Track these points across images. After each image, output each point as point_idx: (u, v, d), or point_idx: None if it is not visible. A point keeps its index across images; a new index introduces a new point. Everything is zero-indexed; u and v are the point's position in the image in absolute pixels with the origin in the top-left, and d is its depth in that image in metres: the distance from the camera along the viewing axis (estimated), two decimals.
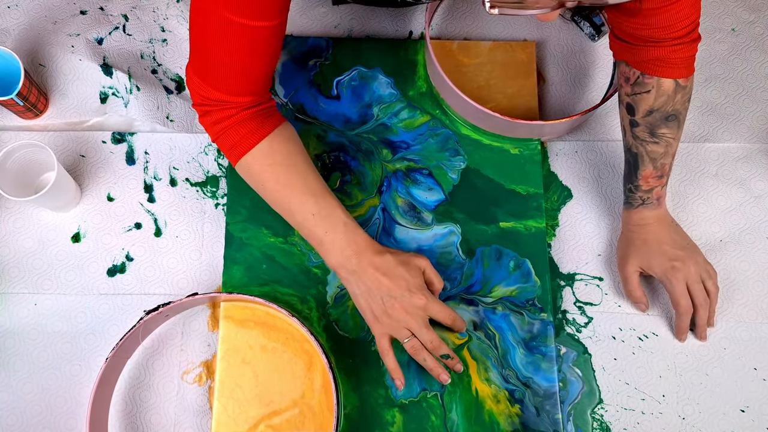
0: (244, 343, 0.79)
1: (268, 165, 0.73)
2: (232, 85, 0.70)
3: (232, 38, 0.65)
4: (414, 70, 0.92)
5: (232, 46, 0.66)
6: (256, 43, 0.67)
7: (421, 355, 0.72)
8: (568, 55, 0.95)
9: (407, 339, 0.72)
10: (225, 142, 0.73)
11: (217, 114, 0.72)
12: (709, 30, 0.96)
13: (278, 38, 0.69)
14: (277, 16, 0.66)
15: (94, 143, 0.87)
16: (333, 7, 0.95)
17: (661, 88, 0.75)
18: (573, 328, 0.83)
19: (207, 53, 0.68)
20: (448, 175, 0.88)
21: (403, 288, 0.71)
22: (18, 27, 0.90)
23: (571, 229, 0.87)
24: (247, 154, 0.73)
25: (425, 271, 0.74)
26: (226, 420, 0.77)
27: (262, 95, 0.73)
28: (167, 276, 0.83)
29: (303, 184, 0.73)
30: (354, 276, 0.72)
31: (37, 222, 0.84)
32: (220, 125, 0.72)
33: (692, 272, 0.79)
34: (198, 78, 0.70)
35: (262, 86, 0.72)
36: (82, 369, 0.79)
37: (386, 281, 0.71)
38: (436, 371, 0.73)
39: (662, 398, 0.80)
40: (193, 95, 0.72)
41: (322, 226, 0.72)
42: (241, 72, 0.68)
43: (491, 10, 0.52)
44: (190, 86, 0.72)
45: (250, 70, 0.69)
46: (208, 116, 0.72)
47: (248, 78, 0.70)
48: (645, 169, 0.78)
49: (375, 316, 0.72)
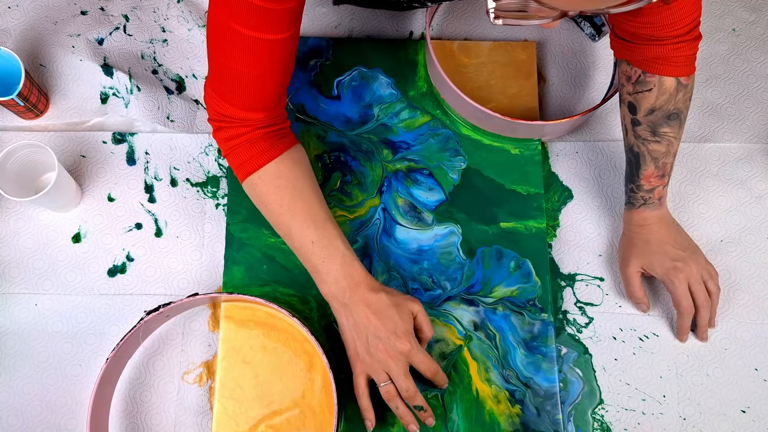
0: (244, 343, 0.79)
1: (274, 187, 0.72)
2: (246, 99, 0.69)
3: (244, 52, 0.65)
4: (414, 71, 0.92)
5: (245, 59, 0.66)
6: (267, 55, 0.66)
7: (394, 402, 0.71)
8: (568, 55, 0.95)
9: (384, 383, 0.71)
10: (235, 159, 0.73)
11: (231, 130, 0.72)
12: (710, 30, 0.96)
13: (291, 50, 0.68)
14: (290, 28, 0.66)
15: (95, 143, 0.87)
16: (333, 8, 0.95)
17: (663, 86, 0.75)
18: (574, 328, 0.83)
19: (222, 68, 0.68)
20: (448, 175, 0.88)
21: (390, 330, 0.70)
22: (18, 27, 0.91)
23: (572, 229, 0.87)
24: (254, 174, 0.72)
25: (417, 317, 0.73)
26: (227, 420, 0.76)
27: (275, 111, 0.72)
28: (168, 276, 0.83)
29: (306, 210, 0.73)
30: (345, 309, 0.72)
31: (37, 222, 0.84)
32: (232, 142, 0.72)
33: (694, 273, 0.79)
34: (214, 93, 0.71)
35: (276, 100, 0.71)
36: (82, 369, 0.79)
37: (375, 320, 0.70)
38: (406, 419, 0.72)
39: (663, 399, 0.80)
40: (209, 110, 0.72)
41: (319, 255, 0.72)
42: (255, 85, 0.68)
43: (495, 20, 0.53)
44: (206, 102, 0.72)
45: (263, 83, 0.68)
46: (222, 132, 0.72)
47: (262, 91, 0.69)
48: (647, 169, 0.78)
49: (357, 352, 0.72)
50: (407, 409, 0.72)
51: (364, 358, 0.71)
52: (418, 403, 0.72)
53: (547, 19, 0.54)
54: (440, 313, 0.82)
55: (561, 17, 0.53)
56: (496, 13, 0.52)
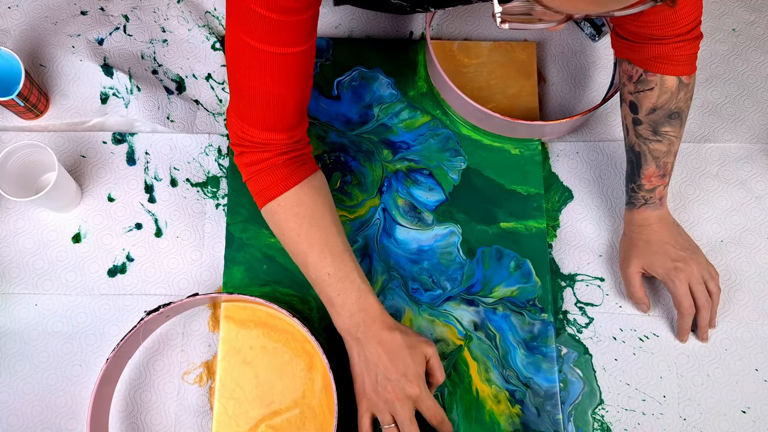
0: (244, 343, 0.79)
1: (293, 215, 0.72)
2: (266, 119, 0.69)
3: (262, 68, 0.65)
4: (414, 71, 0.92)
5: (262, 75, 0.65)
6: (284, 70, 0.66)
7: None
8: (568, 56, 0.95)
9: (388, 426, 0.70)
10: (255, 185, 0.72)
11: (253, 156, 0.71)
12: (710, 30, 0.96)
13: (309, 63, 0.68)
14: (306, 41, 0.65)
15: (95, 144, 0.87)
16: (333, 8, 0.95)
17: (665, 85, 0.75)
18: (574, 328, 0.83)
19: (241, 88, 0.67)
20: (448, 175, 0.88)
21: (401, 372, 0.69)
22: (18, 27, 0.91)
23: (572, 229, 0.87)
24: (274, 201, 0.72)
25: (430, 360, 0.72)
26: (227, 420, 0.76)
27: (296, 131, 0.72)
28: (168, 276, 0.83)
29: (323, 240, 0.72)
30: (357, 344, 0.71)
31: (37, 222, 0.84)
32: (254, 167, 0.72)
33: (695, 273, 0.79)
34: (235, 116, 0.70)
35: (297, 120, 0.71)
36: (82, 369, 0.79)
37: (386, 360, 0.69)
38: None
39: (663, 399, 0.80)
40: (231, 135, 0.72)
41: (335, 287, 0.71)
42: (275, 102, 0.68)
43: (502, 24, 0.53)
44: (229, 127, 0.72)
45: (283, 100, 0.68)
46: (244, 157, 0.72)
47: (282, 109, 0.68)
48: (648, 168, 0.78)
49: (365, 390, 0.71)
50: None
51: (371, 397, 0.70)
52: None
53: (552, 22, 0.54)
54: (440, 313, 0.82)
55: (566, 20, 0.54)
56: (503, 18, 0.53)
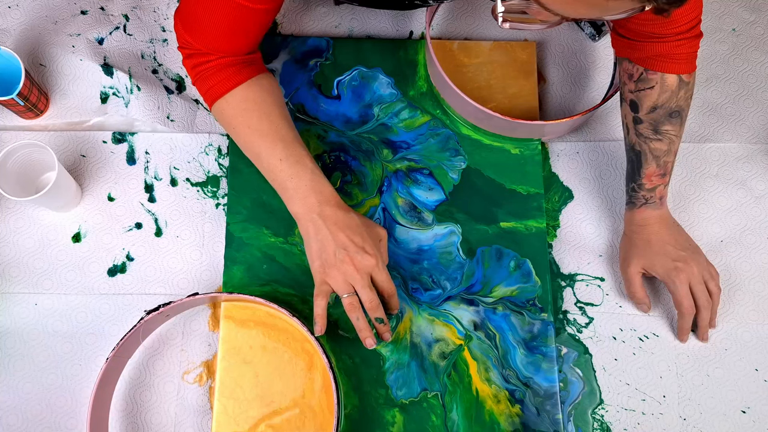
0: (244, 343, 0.79)
1: (242, 110, 0.74)
2: (214, 45, 0.71)
3: (218, 8, 0.67)
4: (414, 70, 0.92)
5: (217, 15, 0.67)
6: (246, 21, 0.68)
7: (355, 313, 0.72)
8: (568, 55, 0.95)
9: (347, 294, 0.72)
10: (203, 84, 0.74)
11: (200, 58, 0.73)
12: (710, 30, 0.96)
13: (270, 18, 0.70)
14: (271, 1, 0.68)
15: (95, 143, 0.87)
16: (333, 7, 0.95)
17: (665, 83, 0.75)
18: (574, 328, 0.83)
19: (195, 11, 0.69)
20: (448, 175, 0.88)
21: (359, 245, 0.72)
22: (19, 27, 0.90)
23: (572, 229, 0.87)
24: (222, 98, 0.74)
25: (381, 241, 0.75)
26: (227, 420, 0.76)
27: (245, 54, 0.74)
28: (168, 276, 0.83)
29: (273, 130, 0.74)
30: (313, 224, 0.72)
31: (37, 222, 0.84)
32: (200, 67, 0.74)
33: (695, 273, 0.79)
34: (183, 28, 0.72)
35: (245, 52, 0.74)
36: (82, 369, 0.79)
37: (343, 237, 0.72)
38: (365, 333, 0.73)
39: (663, 399, 0.80)
40: (178, 38, 0.74)
41: (288, 172, 0.73)
42: (224, 38, 0.71)
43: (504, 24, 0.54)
44: (176, 30, 0.74)
45: (232, 38, 0.71)
46: (191, 59, 0.74)
47: (229, 45, 0.71)
48: (648, 167, 0.78)
49: (323, 265, 0.72)
50: (367, 323, 0.73)
51: (330, 272, 0.72)
52: (379, 315, 0.73)
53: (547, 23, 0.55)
54: (440, 313, 0.82)
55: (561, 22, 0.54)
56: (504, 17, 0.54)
